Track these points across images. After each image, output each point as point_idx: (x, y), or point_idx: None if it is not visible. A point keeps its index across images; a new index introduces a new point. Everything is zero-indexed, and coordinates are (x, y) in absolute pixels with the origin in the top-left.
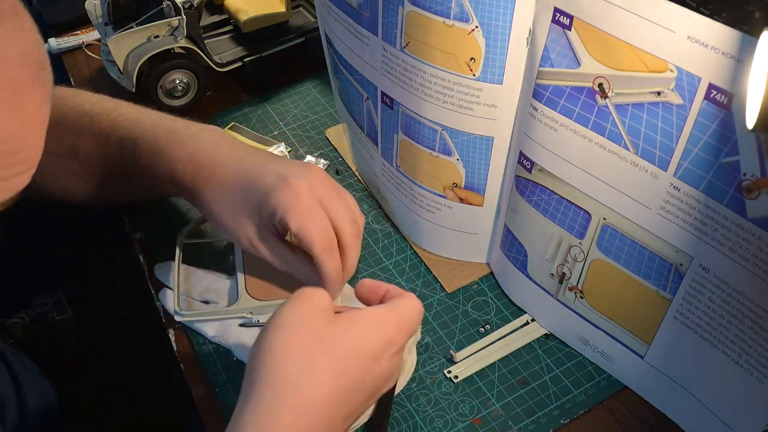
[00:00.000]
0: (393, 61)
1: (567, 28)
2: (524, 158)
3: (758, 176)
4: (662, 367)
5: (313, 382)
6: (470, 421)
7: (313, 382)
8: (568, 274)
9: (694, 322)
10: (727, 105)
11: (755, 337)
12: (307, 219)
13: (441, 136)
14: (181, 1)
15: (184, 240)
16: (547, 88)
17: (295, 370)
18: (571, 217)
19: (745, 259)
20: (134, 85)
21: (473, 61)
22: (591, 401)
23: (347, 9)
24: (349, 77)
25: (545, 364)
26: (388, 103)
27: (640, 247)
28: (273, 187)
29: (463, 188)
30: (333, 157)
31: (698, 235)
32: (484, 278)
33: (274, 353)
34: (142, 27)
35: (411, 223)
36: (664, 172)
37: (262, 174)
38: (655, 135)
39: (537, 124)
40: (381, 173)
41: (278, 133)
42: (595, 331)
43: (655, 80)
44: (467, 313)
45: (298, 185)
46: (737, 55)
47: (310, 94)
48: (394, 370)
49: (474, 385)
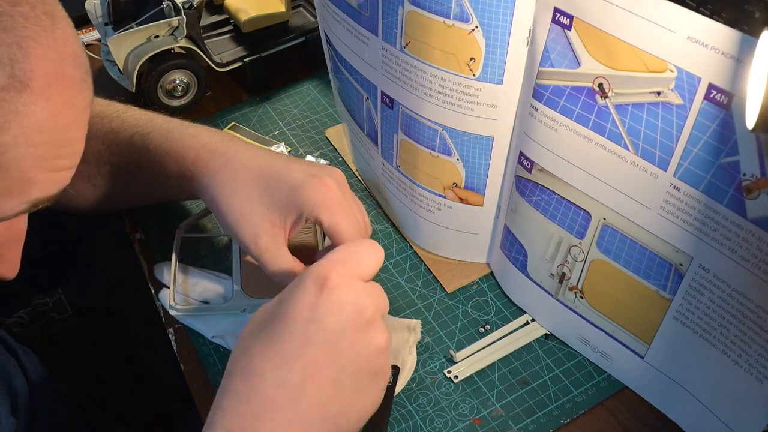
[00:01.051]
0: (393, 61)
1: (567, 28)
2: (524, 158)
3: (758, 176)
4: (662, 367)
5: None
6: (470, 421)
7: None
8: (568, 274)
9: (694, 322)
10: (727, 105)
11: (755, 338)
12: (340, 214)
13: (441, 136)
14: (181, 1)
15: (183, 234)
16: (547, 88)
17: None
18: (571, 217)
19: (745, 259)
20: (134, 85)
21: (473, 61)
22: (591, 401)
23: (347, 9)
24: (349, 77)
25: (545, 364)
26: (388, 103)
27: (640, 247)
28: (303, 182)
29: (463, 188)
30: (333, 157)
31: (698, 235)
32: (484, 278)
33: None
34: (142, 27)
35: (411, 223)
36: (664, 172)
37: (287, 170)
38: (655, 135)
39: (537, 124)
40: (381, 173)
41: (278, 133)
42: (595, 331)
43: (655, 80)
44: (467, 313)
45: (329, 182)
46: (737, 55)
47: (310, 94)
48: (373, 341)
49: (474, 385)
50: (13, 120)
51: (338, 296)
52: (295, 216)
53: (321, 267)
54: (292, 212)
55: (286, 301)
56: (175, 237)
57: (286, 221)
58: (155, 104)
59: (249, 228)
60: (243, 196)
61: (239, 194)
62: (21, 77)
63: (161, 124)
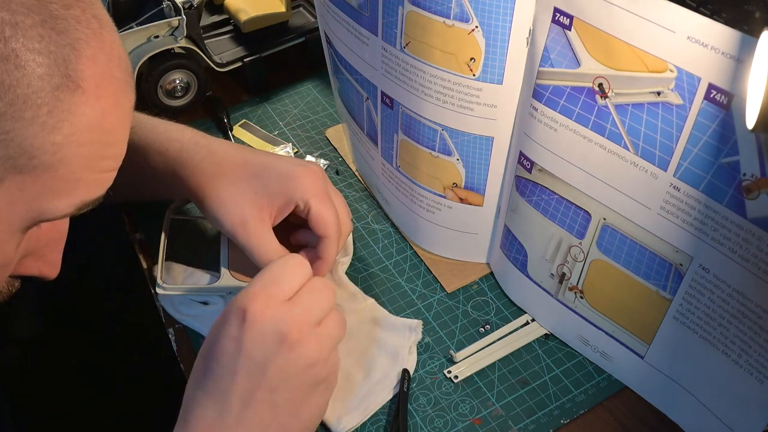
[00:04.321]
0: (393, 61)
1: (567, 28)
2: (524, 158)
3: (758, 176)
4: (662, 367)
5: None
6: (470, 421)
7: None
8: (568, 274)
9: (694, 322)
10: (727, 105)
11: (755, 338)
12: (327, 203)
13: (441, 136)
14: (181, 1)
15: (172, 216)
16: (547, 88)
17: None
18: (571, 217)
19: (745, 259)
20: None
21: (473, 61)
22: (591, 401)
23: (347, 9)
24: (349, 77)
25: (545, 364)
26: (388, 103)
27: (640, 247)
28: (293, 170)
29: (463, 188)
30: (333, 157)
31: (698, 235)
32: (484, 278)
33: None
34: (142, 27)
35: (411, 223)
36: (664, 172)
37: (275, 160)
38: (655, 135)
39: (537, 124)
40: (381, 173)
41: (278, 133)
42: (595, 331)
43: (655, 80)
44: (467, 313)
45: (317, 171)
46: (737, 55)
47: (310, 94)
48: (305, 351)
49: (474, 385)
50: (66, 119)
51: (259, 327)
52: (282, 202)
53: (241, 299)
54: (280, 198)
55: (215, 335)
56: (165, 218)
57: (272, 207)
58: (155, 104)
59: (237, 213)
60: (231, 182)
61: (227, 180)
62: (74, 77)
63: (145, 119)
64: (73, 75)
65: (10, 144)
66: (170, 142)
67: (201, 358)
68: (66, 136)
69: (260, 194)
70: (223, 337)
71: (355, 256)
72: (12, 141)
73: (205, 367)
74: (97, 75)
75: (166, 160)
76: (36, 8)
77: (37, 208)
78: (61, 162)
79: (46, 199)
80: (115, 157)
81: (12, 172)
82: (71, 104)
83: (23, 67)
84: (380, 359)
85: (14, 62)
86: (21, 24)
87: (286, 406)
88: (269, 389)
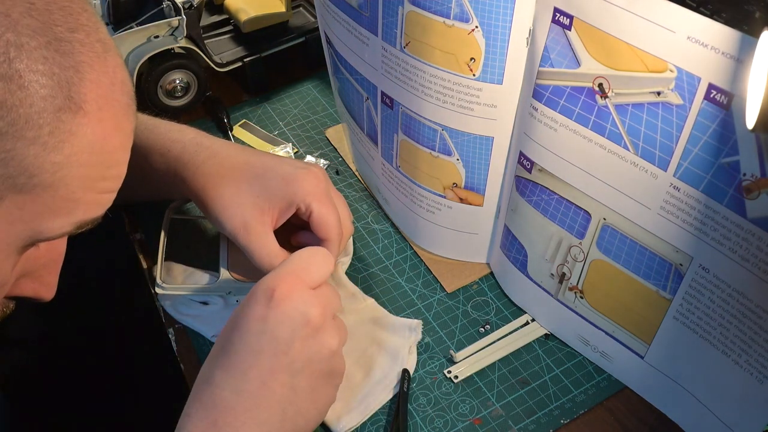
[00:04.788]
0: (393, 61)
1: (567, 28)
2: (524, 158)
3: (758, 176)
4: (662, 367)
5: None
6: (470, 421)
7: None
8: (568, 274)
9: (694, 322)
10: (727, 105)
11: (755, 338)
12: (328, 205)
13: (441, 136)
14: (181, 1)
15: (172, 215)
16: (547, 88)
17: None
18: (571, 217)
19: (745, 259)
20: (134, 85)
21: (473, 61)
22: (591, 401)
23: (347, 9)
24: (349, 77)
25: (545, 364)
26: (388, 103)
27: (640, 247)
28: (295, 173)
29: (463, 188)
30: (333, 157)
31: (698, 235)
32: (484, 278)
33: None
34: (142, 27)
35: (411, 223)
36: (664, 172)
37: (277, 162)
38: (655, 135)
39: (537, 124)
40: (381, 173)
41: (278, 133)
42: (595, 331)
43: (655, 80)
44: (467, 313)
45: (319, 174)
46: (737, 55)
47: (310, 94)
48: (321, 338)
49: (474, 385)
50: (67, 140)
51: (286, 307)
52: (283, 205)
53: (270, 280)
54: (281, 201)
55: (240, 315)
56: (164, 218)
57: (274, 210)
58: (155, 104)
59: (239, 215)
60: (233, 184)
61: (229, 183)
62: (76, 99)
63: (146, 119)
64: (76, 97)
65: (11, 163)
66: (171, 143)
67: (221, 339)
68: (67, 157)
69: (262, 197)
70: (248, 316)
71: (355, 256)
72: (13, 160)
73: (227, 346)
74: (99, 98)
75: (168, 161)
76: (41, 30)
77: (35, 227)
78: (61, 182)
79: (45, 218)
80: (115, 178)
81: (12, 191)
82: (73, 125)
83: (26, 87)
84: (380, 359)
85: (17, 83)
86: (26, 45)
87: (305, 392)
88: (291, 372)
